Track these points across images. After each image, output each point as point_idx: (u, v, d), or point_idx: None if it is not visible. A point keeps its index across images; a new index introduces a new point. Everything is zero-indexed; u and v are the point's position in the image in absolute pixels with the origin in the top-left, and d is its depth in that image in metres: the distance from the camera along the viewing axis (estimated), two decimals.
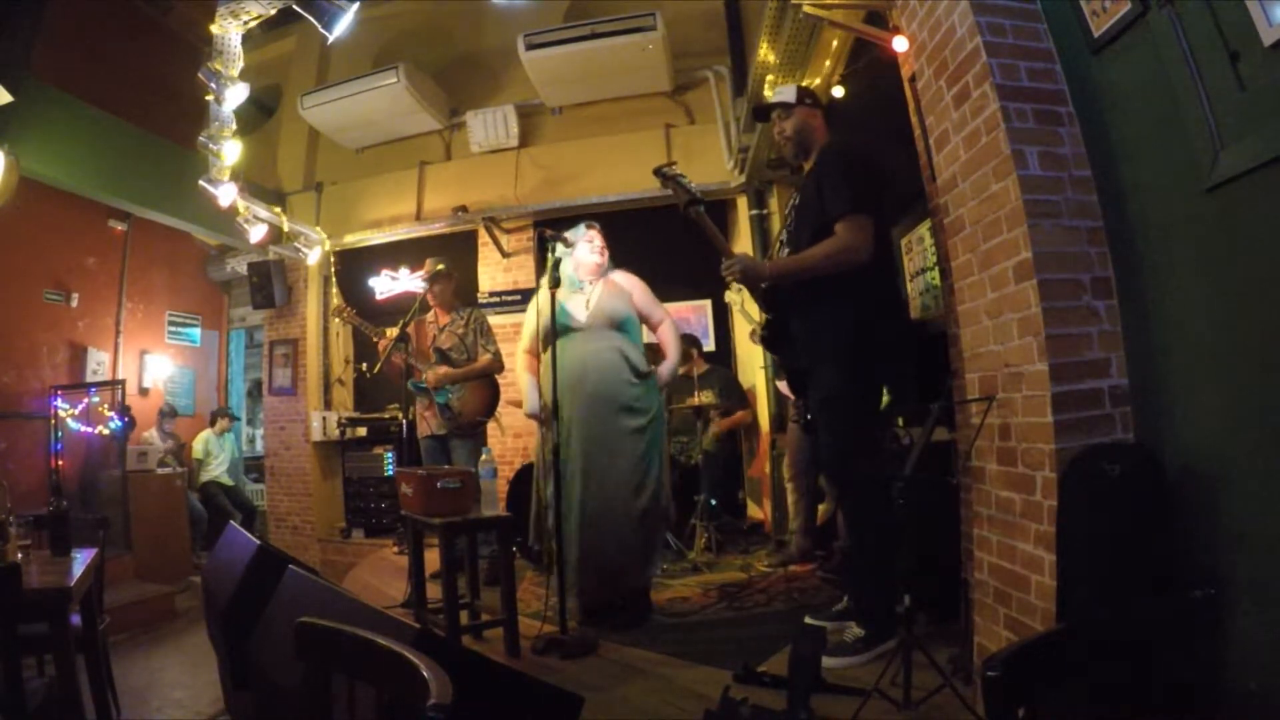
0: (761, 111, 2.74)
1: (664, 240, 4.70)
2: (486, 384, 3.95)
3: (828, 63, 3.47)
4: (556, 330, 2.83)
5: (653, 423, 2.87)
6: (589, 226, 3.07)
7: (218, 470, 6.44)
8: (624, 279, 3.08)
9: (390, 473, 5.56)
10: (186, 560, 5.65)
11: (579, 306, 2.95)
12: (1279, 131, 1.29)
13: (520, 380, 3.19)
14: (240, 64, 4.01)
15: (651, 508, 2.81)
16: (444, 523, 2.60)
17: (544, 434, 2.95)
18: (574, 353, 2.84)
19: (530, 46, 4.97)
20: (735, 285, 2.64)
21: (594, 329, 2.89)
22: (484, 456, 2.87)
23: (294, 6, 3.38)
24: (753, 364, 5.20)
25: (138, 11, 6.17)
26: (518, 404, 4.88)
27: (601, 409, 2.79)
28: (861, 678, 1.99)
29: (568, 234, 3.02)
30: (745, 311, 4.57)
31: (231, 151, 4.45)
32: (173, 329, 6.81)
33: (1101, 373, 1.66)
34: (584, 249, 3.01)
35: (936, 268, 2.55)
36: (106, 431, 5.47)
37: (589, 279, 3.01)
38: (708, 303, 5.59)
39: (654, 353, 3.13)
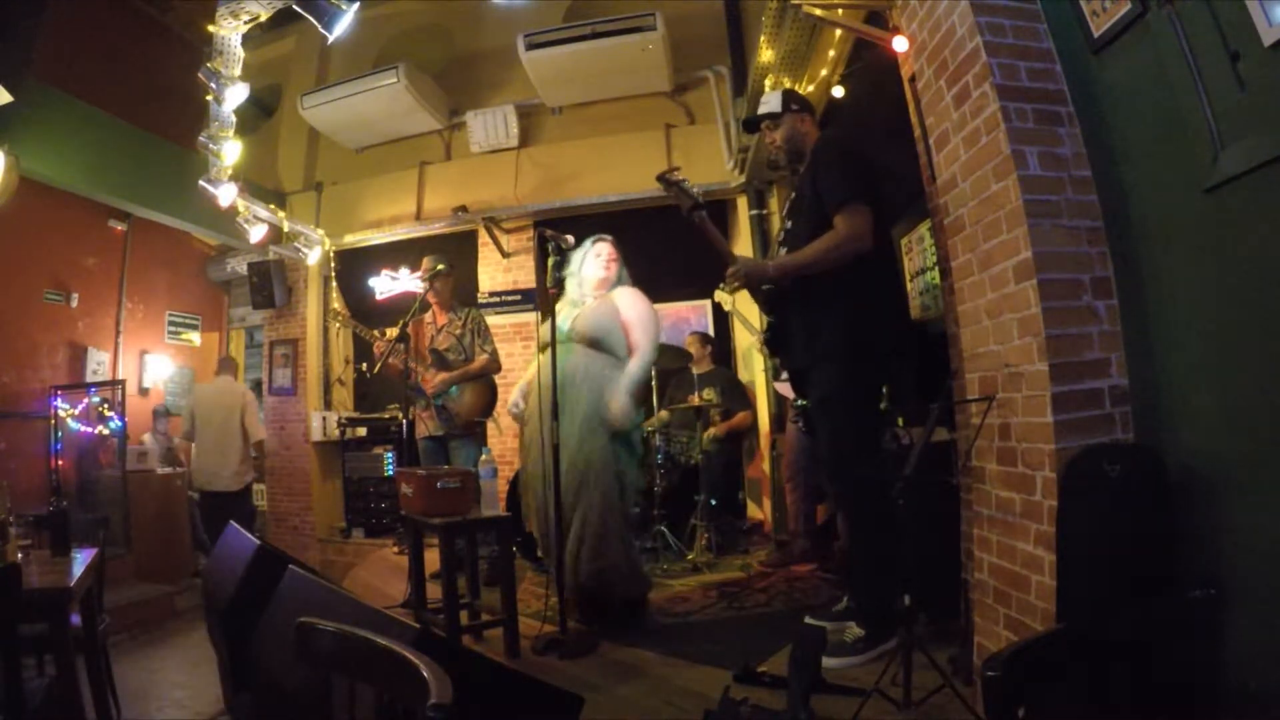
0: (750, 124, 2.74)
1: (664, 240, 4.71)
2: (484, 384, 3.94)
3: (828, 63, 3.47)
4: (546, 340, 2.83)
5: (627, 433, 2.83)
6: (598, 240, 3.01)
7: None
8: (629, 296, 2.99)
9: (390, 473, 5.55)
10: (186, 560, 5.65)
11: (567, 319, 2.93)
12: (1279, 131, 1.29)
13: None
14: (240, 64, 4.01)
15: (619, 517, 2.76)
16: (444, 523, 2.60)
17: (524, 433, 2.99)
18: (560, 363, 2.81)
19: (530, 46, 4.97)
20: (727, 286, 2.61)
21: (571, 344, 2.87)
22: (484, 456, 2.87)
23: (294, 6, 3.38)
24: (753, 364, 5.20)
25: (138, 11, 6.16)
26: None
27: (578, 422, 2.75)
28: (861, 678, 1.99)
29: (580, 246, 2.99)
30: (738, 311, 4.56)
31: (231, 151, 4.44)
32: (173, 329, 6.81)
33: (1101, 373, 1.66)
34: (591, 264, 2.97)
35: (936, 268, 2.55)
36: (106, 431, 5.47)
37: (595, 292, 2.97)
38: (707, 303, 5.59)
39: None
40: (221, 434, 5.48)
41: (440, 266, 3.88)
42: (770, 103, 2.58)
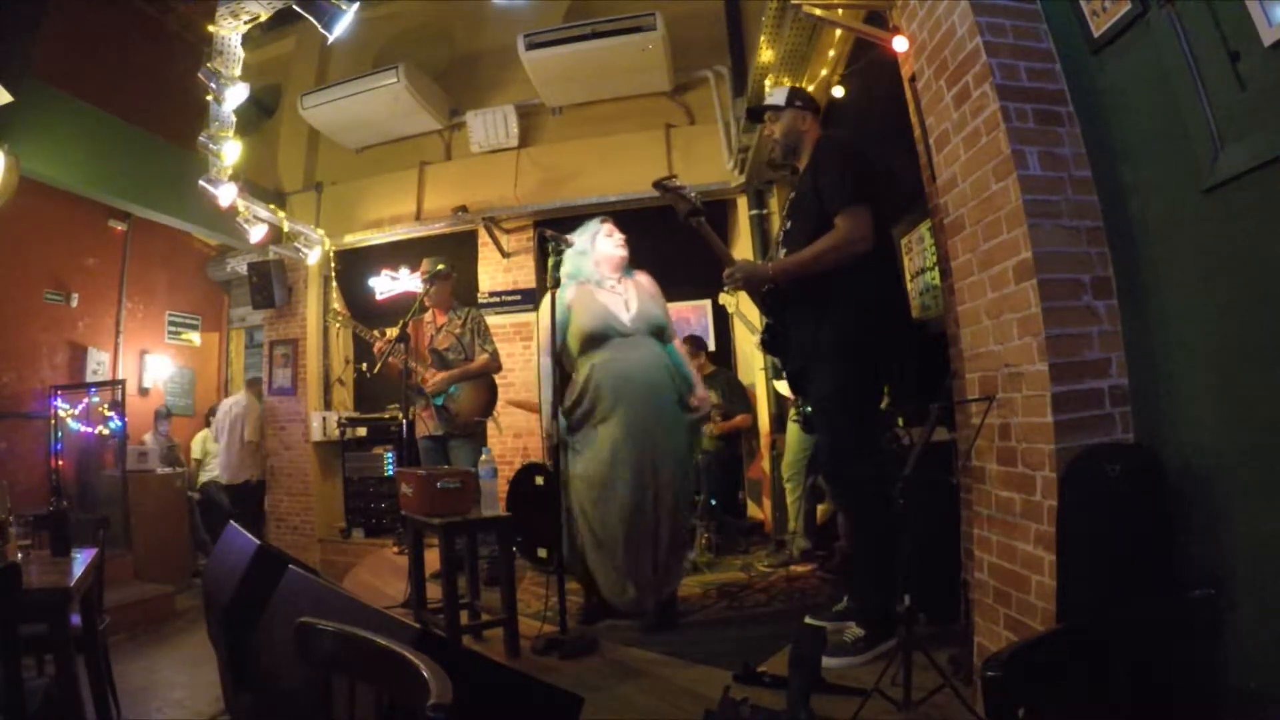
0: (754, 113, 2.74)
1: (664, 240, 4.70)
2: (484, 384, 3.94)
3: (828, 63, 3.46)
4: (603, 331, 2.77)
5: (690, 443, 2.91)
6: (604, 220, 3.01)
7: (216, 470, 6.43)
8: (649, 282, 3.03)
9: (390, 473, 5.56)
10: (187, 560, 5.66)
11: (619, 307, 2.85)
12: (1279, 131, 1.29)
13: (540, 391, 2.93)
14: (240, 64, 4.02)
15: (685, 515, 2.86)
16: (444, 523, 2.60)
17: (561, 451, 2.77)
18: (623, 359, 2.76)
19: (530, 46, 4.97)
20: (731, 289, 2.63)
21: (640, 335, 2.83)
22: (484, 456, 2.87)
23: (294, 6, 3.38)
24: (753, 365, 5.20)
25: (138, 11, 6.16)
26: (517, 404, 4.90)
27: (654, 416, 2.74)
28: (861, 678, 1.99)
29: (580, 230, 2.97)
30: (741, 313, 4.56)
31: (231, 151, 4.45)
32: (173, 329, 6.81)
33: (1101, 373, 1.66)
34: (605, 243, 2.94)
35: (936, 268, 2.55)
36: (106, 431, 5.47)
37: (614, 274, 2.93)
38: (707, 303, 5.59)
39: None
40: (230, 437, 6.15)
41: (440, 267, 3.88)
42: (776, 96, 2.60)
